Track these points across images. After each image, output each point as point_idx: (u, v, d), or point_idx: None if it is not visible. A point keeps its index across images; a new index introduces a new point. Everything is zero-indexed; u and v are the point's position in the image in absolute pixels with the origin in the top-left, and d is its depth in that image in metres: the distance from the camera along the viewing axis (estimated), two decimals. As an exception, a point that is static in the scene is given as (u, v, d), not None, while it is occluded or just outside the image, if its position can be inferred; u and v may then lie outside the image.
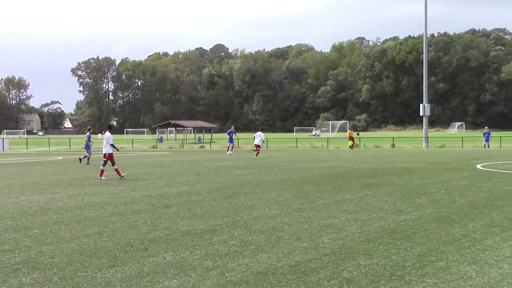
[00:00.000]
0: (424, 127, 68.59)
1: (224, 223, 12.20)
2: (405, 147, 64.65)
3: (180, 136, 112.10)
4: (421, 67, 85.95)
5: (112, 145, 24.95)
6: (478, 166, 29.59)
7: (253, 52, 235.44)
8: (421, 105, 67.58)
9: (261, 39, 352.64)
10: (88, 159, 36.39)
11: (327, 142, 72.00)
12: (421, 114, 68.19)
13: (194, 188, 20.01)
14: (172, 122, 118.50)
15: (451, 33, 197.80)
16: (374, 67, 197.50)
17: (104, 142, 25.02)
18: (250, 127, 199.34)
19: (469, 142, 67.15)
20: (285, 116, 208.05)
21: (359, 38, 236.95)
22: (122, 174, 24.66)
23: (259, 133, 44.65)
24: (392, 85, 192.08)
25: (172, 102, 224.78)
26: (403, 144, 69.29)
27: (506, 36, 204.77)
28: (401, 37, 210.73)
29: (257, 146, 43.06)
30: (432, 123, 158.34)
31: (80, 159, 37.09)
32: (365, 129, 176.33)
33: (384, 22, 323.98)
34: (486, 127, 60.25)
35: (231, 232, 11.11)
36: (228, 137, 50.68)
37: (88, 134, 37.80)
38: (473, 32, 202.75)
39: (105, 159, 24.85)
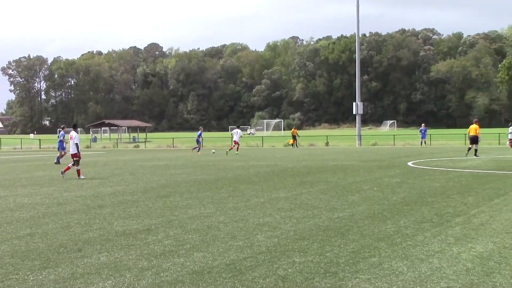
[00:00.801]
0: (357, 125, 69.53)
1: (159, 222, 12.15)
2: (339, 145, 65.43)
3: (114, 135, 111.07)
4: (353, 66, 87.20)
5: (76, 144, 24.79)
6: (410, 164, 30.16)
7: (187, 51, 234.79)
8: (354, 103, 68.46)
9: (196, 38, 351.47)
10: (59, 157, 35.65)
11: (262, 140, 72.28)
12: (354, 113, 69.09)
13: (129, 187, 19.85)
14: (106, 121, 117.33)
15: (383, 33, 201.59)
16: (307, 66, 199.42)
17: (71, 142, 24.87)
18: (185, 126, 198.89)
19: (401, 140, 68.37)
20: (220, 115, 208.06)
21: (293, 38, 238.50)
22: (63, 175, 24.45)
23: (236, 130, 47.81)
24: (325, 84, 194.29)
25: (106, 101, 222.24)
26: (337, 142, 70.12)
27: (435, 36, 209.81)
28: (334, 36, 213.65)
29: (236, 142, 46.45)
30: (365, 121, 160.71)
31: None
32: (299, 127, 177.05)
33: (318, 21, 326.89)
34: (422, 124, 61.47)
35: (166, 231, 11.07)
36: (196, 138, 52.93)
37: (62, 133, 36.96)
38: (403, 32, 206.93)
39: (76, 159, 24.72)
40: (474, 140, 36.31)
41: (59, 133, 38.10)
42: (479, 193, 16.53)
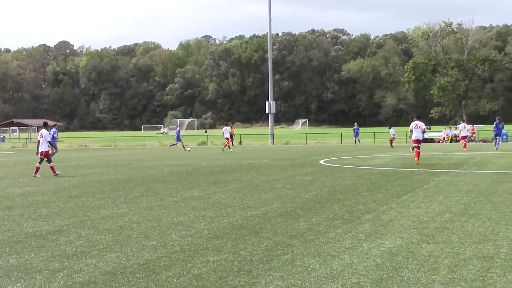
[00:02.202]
0: (270, 124, 70.16)
1: (71, 223, 11.96)
2: (252, 144, 65.81)
3: (24, 135, 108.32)
4: (266, 66, 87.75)
5: (50, 142, 25.42)
6: (321, 162, 30.63)
7: (99, 49, 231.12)
8: (266, 102, 69.00)
9: (107, 37, 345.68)
10: (52, 154, 35.30)
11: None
12: (267, 112, 69.65)
13: (40, 188, 19.43)
14: (15, 121, 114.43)
15: (295, 33, 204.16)
16: (220, 66, 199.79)
17: (41, 140, 25.01)
18: (97, 126, 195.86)
19: (313, 138, 69.34)
20: (133, 114, 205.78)
21: (205, 37, 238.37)
22: (57, 172, 24.79)
23: (226, 127, 50.68)
24: (238, 83, 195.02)
25: (15, 100, 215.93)
26: (250, 141, 70.53)
27: (344, 37, 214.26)
28: (247, 35, 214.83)
29: (228, 139, 49.47)
30: (278, 120, 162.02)
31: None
32: (212, 126, 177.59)
33: (230, 21, 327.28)
34: (355, 124, 62.74)
35: (79, 232, 10.91)
36: (176, 136, 53.38)
37: (54, 130, 36.55)
38: (313, 32, 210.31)
39: (41, 157, 24.90)
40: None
41: (50, 130, 37.89)
42: (388, 190, 16.96)
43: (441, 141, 61.03)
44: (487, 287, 6.90)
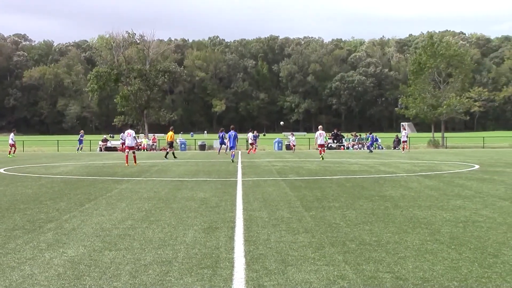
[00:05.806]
0: None
1: None
2: None
3: None
4: None
5: None
6: (1, 170, 29.50)
7: None
8: None
9: None
10: None
11: None
12: None
13: None
14: None
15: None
16: None
17: None
18: None
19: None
20: None
21: None
22: None
23: (11, 134, 50.55)
24: None
25: None
26: None
27: (26, 42, 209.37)
28: None
29: (12, 145, 49.41)
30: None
31: None
32: None
33: None
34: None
35: None
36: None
37: None
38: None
39: None
40: (170, 144, 42.77)
41: None
42: (71, 198, 16.83)
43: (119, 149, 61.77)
44: (166, 290, 7.19)
